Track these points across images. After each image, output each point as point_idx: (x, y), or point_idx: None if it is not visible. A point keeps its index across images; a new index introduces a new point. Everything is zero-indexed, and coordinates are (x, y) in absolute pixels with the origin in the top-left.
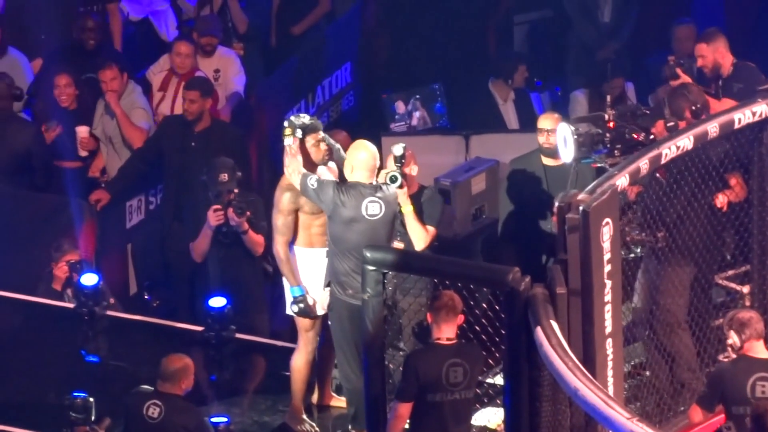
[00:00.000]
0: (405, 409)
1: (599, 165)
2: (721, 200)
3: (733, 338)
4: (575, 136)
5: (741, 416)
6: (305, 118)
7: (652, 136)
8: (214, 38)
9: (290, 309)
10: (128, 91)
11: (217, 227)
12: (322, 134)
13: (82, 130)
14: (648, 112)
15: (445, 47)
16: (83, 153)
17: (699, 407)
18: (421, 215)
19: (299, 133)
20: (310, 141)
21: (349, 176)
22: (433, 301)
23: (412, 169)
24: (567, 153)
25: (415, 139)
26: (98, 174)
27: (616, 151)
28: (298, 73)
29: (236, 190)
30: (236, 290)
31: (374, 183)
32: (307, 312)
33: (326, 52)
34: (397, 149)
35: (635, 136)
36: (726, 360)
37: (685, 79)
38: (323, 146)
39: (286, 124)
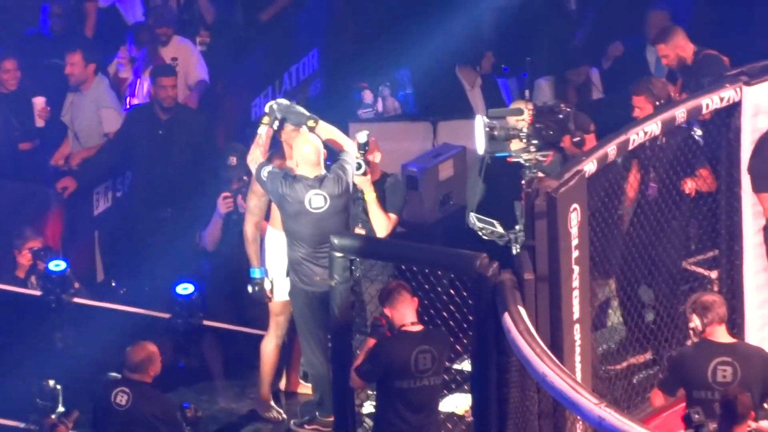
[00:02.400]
0: (358, 383)
1: (515, 160)
2: (690, 186)
3: (695, 322)
4: (486, 129)
5: (702, 401)
6: (291, 111)
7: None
8: (169, 28)
9: (248, 290)
10: (96, 84)
11: (227, 214)
12: (305, 128)
13: (39, 101)
14: (569, 109)
15: (413, 33)
16: (40, 123)
17: (660, 391)
18: (383, 202)
19: (276, 124)
20: (289, 127)
21: (296, 169)
22: (381, 295)
23: (376, 156)
24: (480, 146)
25: (382, 125)
26: (62, 162)
27: (531, 147)
28: (266, 60)
29: (245, 177)
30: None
31: (321, 174)
32: (263, 295)
33: (294, 39)
34: (361, 136)
35: (551, 134)
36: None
37: (647, 110)
38: (303, 132)
39: (266, 110)
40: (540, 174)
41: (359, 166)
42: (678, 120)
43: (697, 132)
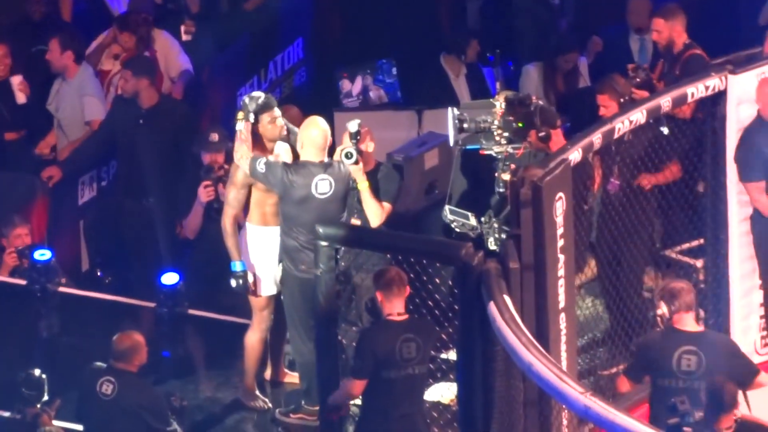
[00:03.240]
0: (359, 386)
1: (486, 152)
2: (647, 181)
3: (662, 309)
4: (455, 121)
5: (665, 388)
6: (260, 99)
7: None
8: (149, 15)
9: (230, 284)
10: (79, 72)
11: (208, 203)
12: (277, 111)
13: (16, 79)
14: (539, 102)
15: (398, 22)
16: (22, 99)
17: (626, 378)
18: (377, 192)
19: (251, 117)
20: (265, 119)
21: (300, 153)
22: (379, 279)
23: (368, 146)
24: (451, 137)
25: (367, 114)
26: (47, 151)
27: (502, 140)
28: (251, 49)
29: (227, 166)
30: (227, 266)
31: (324, 161)
32: (245, 288)
33: (278, 28)
34: (352, 125)
35: (521, 126)
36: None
37: (642, 94)
38: (279, 123)
39: (241, 105)
40: (512, 166)
41: (350, 155)
42: (663, 108)
43: (664, 130)
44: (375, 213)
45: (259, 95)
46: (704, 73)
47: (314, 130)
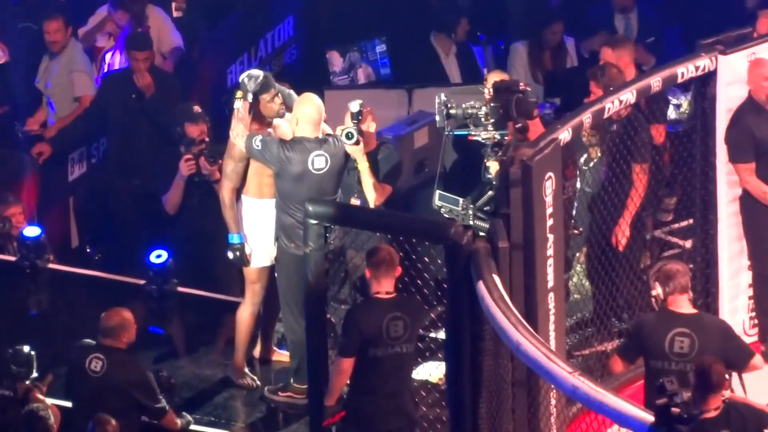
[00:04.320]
0: (347, 364)
1: (474, 138)
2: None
3: (657, 290)
4: (443, 108)
5: (658, 370)
6: (259, 78)
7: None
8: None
9: (227, 255)
10: (69, 47)
11: (189, 177)
12: (274, 90)
13: None
14: (528, 89)
15: (389, 1)
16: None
17: (619, 358)
18: (377, 172)
19: (250, 96)
20: (265, 98)
21: (294, 129)
22: (371, 257)
23: (370, 126)
24: (439, 122)
25: (358, 92)
26: (37, 127)
27: (489, 126)
28: (241, 27)
29: (207, 139)
30: (207, 240)
31: (319, 137)
32: (243, 260)
33: (269, 6)
34: (354, 106)
35: (509, 112)
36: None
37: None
38: (277, 101)
39: (240, 84)
40: (500, 152)
41: (351, 136)
42: (653, 89)
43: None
44: (374, 193)
45: (258, 74)
46: (695, 53)
47: (308, 107)
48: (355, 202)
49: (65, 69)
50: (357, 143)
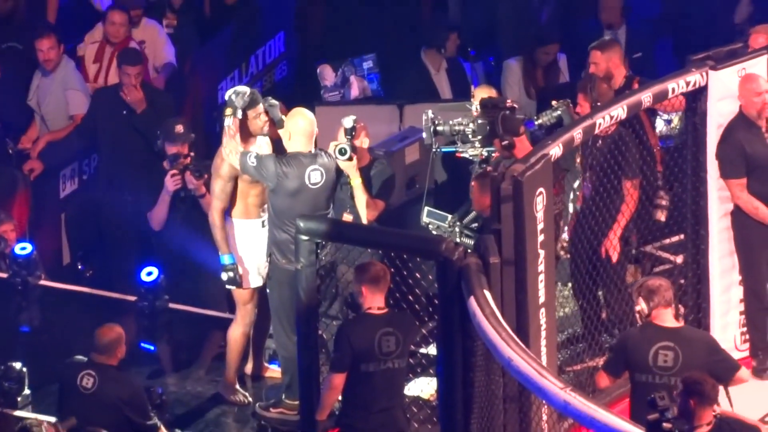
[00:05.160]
0: (339, 379)
1: (462, 155)
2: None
3: (641, 305)
4: (430, 125)
5: (643, 384)
6: (245, 95)
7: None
8: (139, 9)
9: (221, 277)
10: (62, 66)
11: (174, 192)
12: (261, 107)
13: None
14: (516, 106)
15: (379, 17)
16: None
17: (605, 373)
18: (370, 188)
19: (239, 113)
20: (251, 114)
21: (287, 144)
22: (361, 273)
23: (363, 142)
24: (426, 139)
25: (349, 108)
26: (30, 145)
27: (477, 143)
28: (232, 43)
29: (192, 153)
30: (193, 256)
31: (313, 151)
32: (235, 281)
33: (260, 22)
34: (347, 122)
35: (496, 129)
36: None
37: (585, 109)
38: (263, 118)
39: (227, 101)
40: (489, 169)
41: (344, 151)
42: (644, 104)
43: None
44: (367, 209)
45: (245, 90)
46: (685, 69)
47: (301, 120)
48: (347, 217)
49: (59, 87)
50: (350, 159)
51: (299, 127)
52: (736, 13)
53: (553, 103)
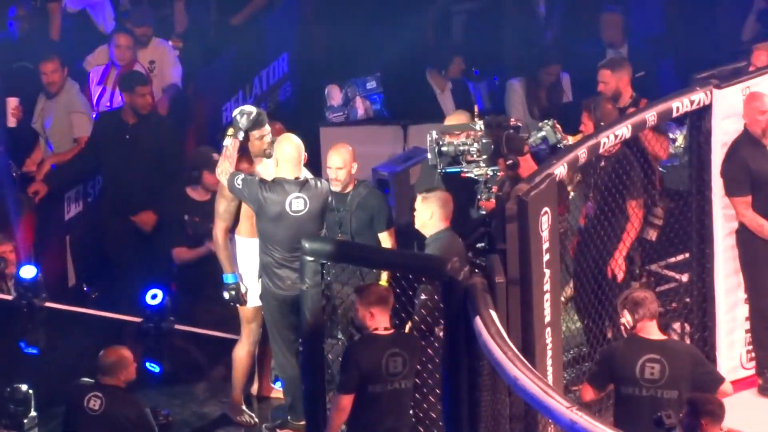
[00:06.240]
0: (347, 401)
1: (467, 175)
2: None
3: (626, 318)
4: (434, 145)
5: (629, 397)
6: (251, 114)
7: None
8: (149, 28)
9: (224, 296)
10: (67, 89)
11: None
12: (267, 129)
13: (12, 101)
14: (520, 125)
15: (383, 37)
16: (12, 123)
17: (590, 386)
18: (371, 221)
19: (241, 135)
20: (255, 135)
21: (275, 170)
22: (368, 295)
23: (353, 167)
24: (431, 159)
25: (353, 129)
26: (34, 168)
27: (481, 162)
28: (236, 64)
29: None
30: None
31: (300, 178)
32: (239, 299)
33: (264, 43)
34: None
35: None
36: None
37: (589, 128)
38: (267, 140)
39: (233, 120)
40: (494, 189)
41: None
42: (648, 123)
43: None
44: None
45: (251, 110)
46: (689, 87)
47: (288, 147)
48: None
49: (64, 110)
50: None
51: (285, 153)
52: (743, 31)
53: (539, 123)
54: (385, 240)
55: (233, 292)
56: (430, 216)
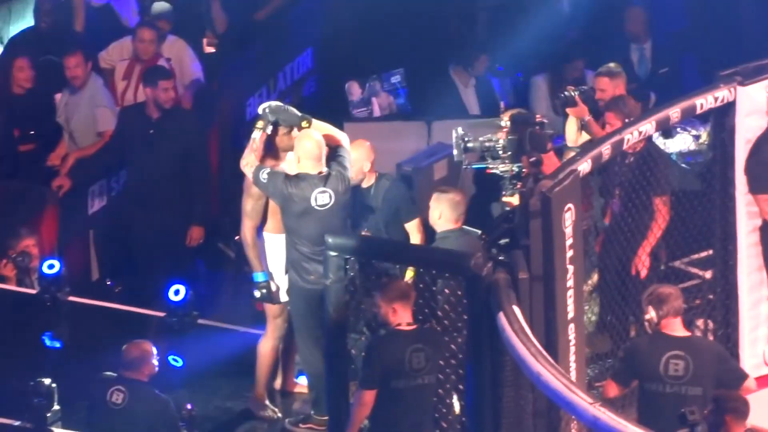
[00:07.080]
0: (369, 396)
1: (492, 171)
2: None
3: (651, 314)
4: (460, 142)
5: (653, 393)
6: (283, 113)
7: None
8: (169, 23)
9: (254, 294)
10: (91, 83)
11: None
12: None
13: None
14: (545, 121)
15: (408, 33)
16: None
17: (614, 382)
18: (397, 213)
19: (269, 129)
20: (282, 129)
21: (297, 167)
22: (391, 291)
23: (365, 165)
24: (456, 155)
25: (377, 125)
26: (59, 162)
27: (507, 159)
28: (261, 59)
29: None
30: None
31: (323, 172)
32: (270, 298)
33: (288, 38)
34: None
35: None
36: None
37: (582, 108)
38: (294, 134)
39: (261, 114)
40: (519, 185)
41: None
42: (672, 119)
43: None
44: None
45: (280, 106)
46: (713, 84)
47: (308, 142)
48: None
49: (88, 104)
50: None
51: (306, 149)
52: None
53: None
54: (413, 230)
55: (264, 291)
56: (438, 215)
